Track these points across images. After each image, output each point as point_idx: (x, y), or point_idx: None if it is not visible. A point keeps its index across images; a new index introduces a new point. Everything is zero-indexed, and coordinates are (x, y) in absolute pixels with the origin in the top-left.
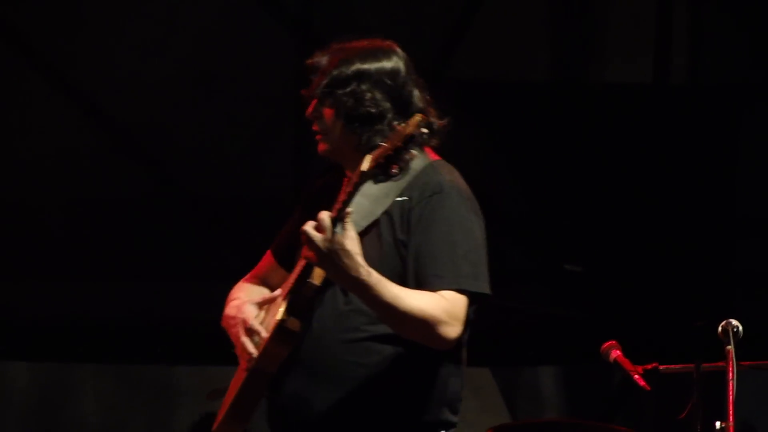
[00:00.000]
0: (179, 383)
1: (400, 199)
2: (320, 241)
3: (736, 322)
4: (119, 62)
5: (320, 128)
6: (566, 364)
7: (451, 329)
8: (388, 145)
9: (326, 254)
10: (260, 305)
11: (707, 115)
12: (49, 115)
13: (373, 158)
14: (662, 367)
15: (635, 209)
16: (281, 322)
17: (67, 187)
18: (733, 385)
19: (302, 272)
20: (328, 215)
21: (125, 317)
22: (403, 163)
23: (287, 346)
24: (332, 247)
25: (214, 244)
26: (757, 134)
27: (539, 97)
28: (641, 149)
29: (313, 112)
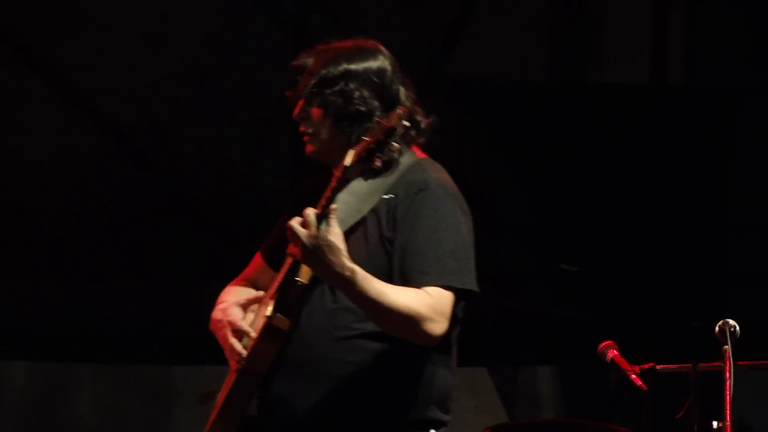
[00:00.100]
0: (177, 383)
1: (386, 196)
2: (305, 236)
3: (733, 322)
4: (117, 63)
5: (308, 129)
6: (563, 363)
7: (435, 325)
8: (370, 138)
9: (311, 250)
10: (245, 306)
11: (704, 115)
12: (47, 116)
13: (355, 153)
14: (659, 366)
15: (632, 209)
16: (269, 320)
17: (64, 187)
18: (730, 384)
19: (289, 270)
20: (313, 212)
21: (123, 317)
22: (386, 156)
23: (276, 344)
24: (316, 242)
25: (212, 244)
26: (753, 134)
27: (536, 97)
28: (638, 149)
29: (300, 112)
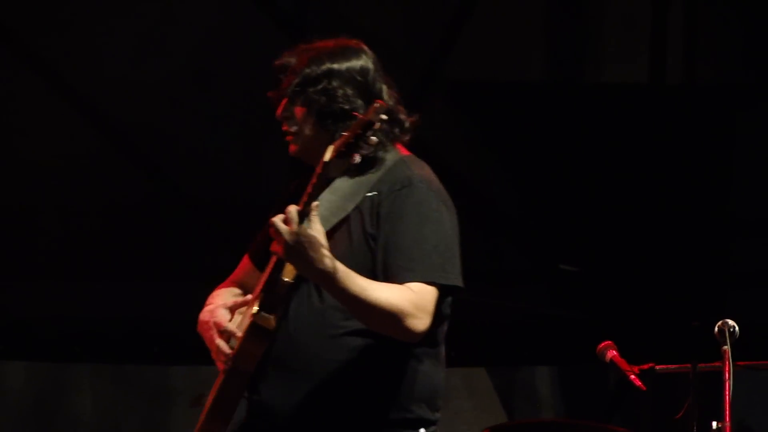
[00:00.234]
0: (176, 384)
1: (370, 194)
2: (286, 233)
3: (732, 322)
4: (116, 64)
5: (291, 128)
6: (563, 364)
7: (418, 321)
8: (348, 133)
9: (292, 246)
10: (232, 309)
11: (702, 115)
12: (46, 116)
13: (334, 148)
14: (658, 367)
15: (631, 209)
16: (254, 319)
17: (63, 187)
18: (729, 385)
19: (274, 269)
20: (295, 208)
21: (122, 318)
22: (365, 150)
23: (262, 343)
24: (298, 239)
25: (211, 245)
26: (752, 134)
27: (535, 97)
28: (637, 149)
29: (283, 111)
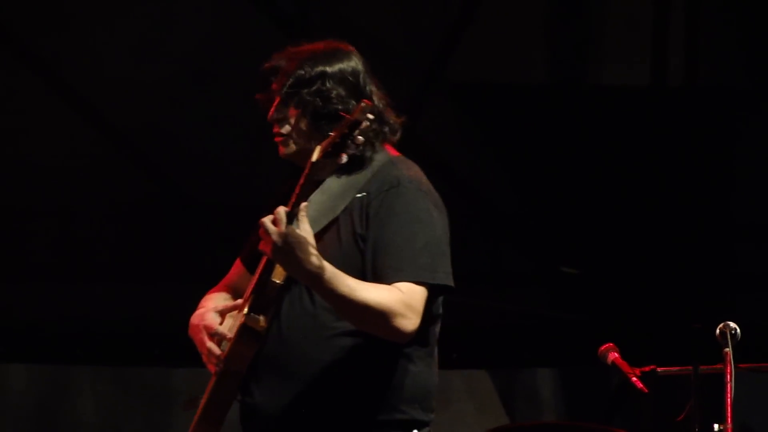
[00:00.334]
0: (177, 386)
1: (359, 195)
2: (274, 234)
3: (733, 324)
4: (116, 65)
5: (282, 129)
6: (564, 366)
7: (407, 322)
8: (335, 133)
9: (280, 247)
10: (222, 313)
11: (704, 117)
12: (46, 118)
13: (321, 148)
14: (660, 369)
15: (632, 211)
16: (244, 320)
17: (63, 189)
18: (731, 387)
19: (263, 270)
20: (283, 209)
21: (124, 320)
22: (351, 150)
23: (253, 344)
24: (286, 239)
25: (212, 246)
26: (753, 136)
27: (536, 99)
28: (638, 151)
29: (276, 113)
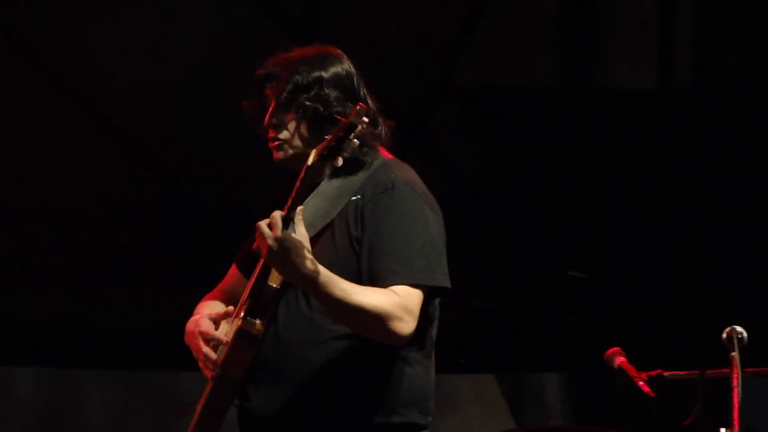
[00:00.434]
0: (185, 389)
1: (354, 198)
2: (270, 238)
3: (740, 328)
4: (125, 68)
5: (279, 135)
6: (571, 370)
7: (404, 325)
8: (330, 136)
9: (276, 251)
10: (217, 319)
11: (712, 120)
12: (55, 122)
13: (316, 152)
14: (667, 373)
15: (640, 215)
16: (242, 325)
17: (72, 193)
18: (738, 391)
19: (260, 275)
20: (279, 214)
21: (132, 323)
22: (347, 153)
23: (250, 349)
24: (281, 244)
25: (221, 250)
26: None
27: (544, 103)
28: (646, 155)
29: (272, 119)
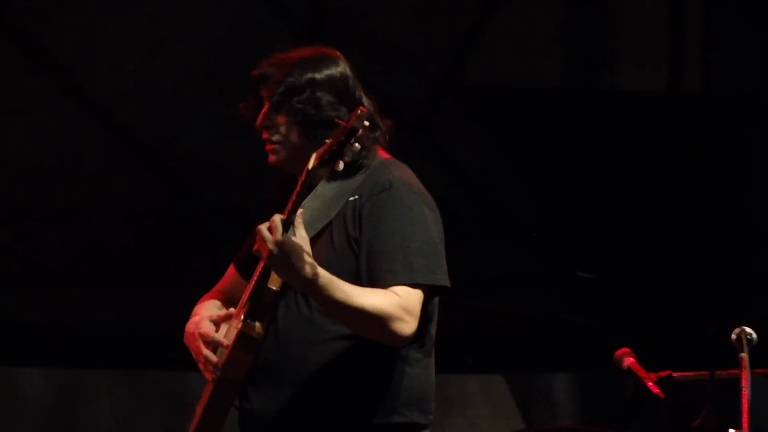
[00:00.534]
0: (193, 389)
1: (352, 198)
2: (270, 242)
3: (749, 329)
4: (130, 68)
5: (273, 137)
6: (580, 370)
7: (405, 325)
8: (331, 140)
9: (276, 255)
10: (217, 322)
11: (719, 121)
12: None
13: (317, 155)
14: (676, 374)
15: (648, 215)
16: (242, 328)
17: (78, 193)
18: (747, 392)
19: (260, 277)
20: (279, 217)
21: (139, 324)
22: (348, 157)
23: (251, 352)
24: (281, 247)
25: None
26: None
27: (552, 103)
28: (653, 156)
29: (264, 120)
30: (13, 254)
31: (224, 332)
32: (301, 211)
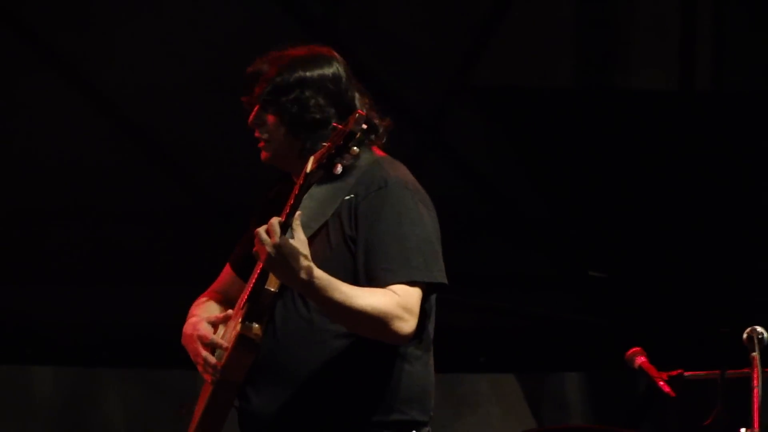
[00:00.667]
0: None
1: (347, 197)
2: (268, 244)
3: (761, 328)
4: (141, 67)
5: (263, 135)
6: (591, 370)
7: (405, 324)
8: (329, 144)
9: (275, 258)
10: (215, 323)
11: (731, 121)
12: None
13: (315, 159)
14: (687, 373)
15: (659, 215)
16: (241, 330)
17: (90, 192)
18: (758, 391)
19: (258, 279)
20: (277, 220)
21: (150, 323)
22: (345, 160)
23: (250, 353)
24: (281, 250)
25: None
26: None
27: (563, 103)
28: (665, 155)
29: (255, 119)
30: (25, 253)
31: (222, 333)
32: (298, 213)
